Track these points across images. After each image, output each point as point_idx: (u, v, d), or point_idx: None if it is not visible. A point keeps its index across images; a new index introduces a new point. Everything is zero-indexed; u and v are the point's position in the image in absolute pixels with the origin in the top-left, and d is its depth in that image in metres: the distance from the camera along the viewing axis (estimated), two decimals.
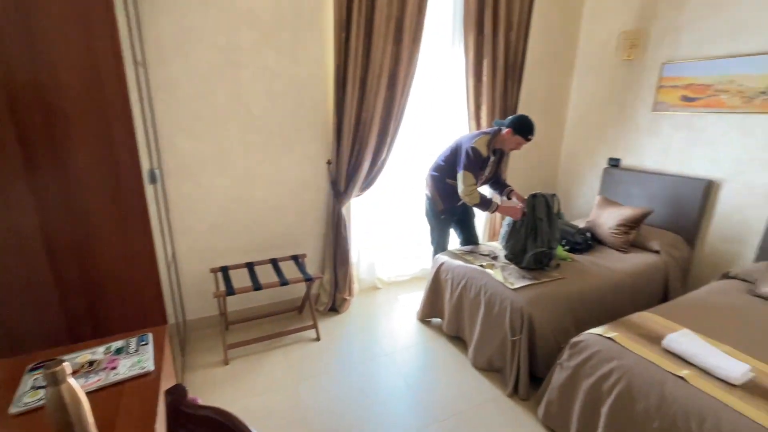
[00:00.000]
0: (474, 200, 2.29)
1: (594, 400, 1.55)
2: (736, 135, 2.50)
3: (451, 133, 2.98)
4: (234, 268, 2.33)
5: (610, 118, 3.23)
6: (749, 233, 2.49)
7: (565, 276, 2.20)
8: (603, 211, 2.82)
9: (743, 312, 1.86)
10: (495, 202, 2.34)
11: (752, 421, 1.19)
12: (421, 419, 1.86)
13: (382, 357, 2.29)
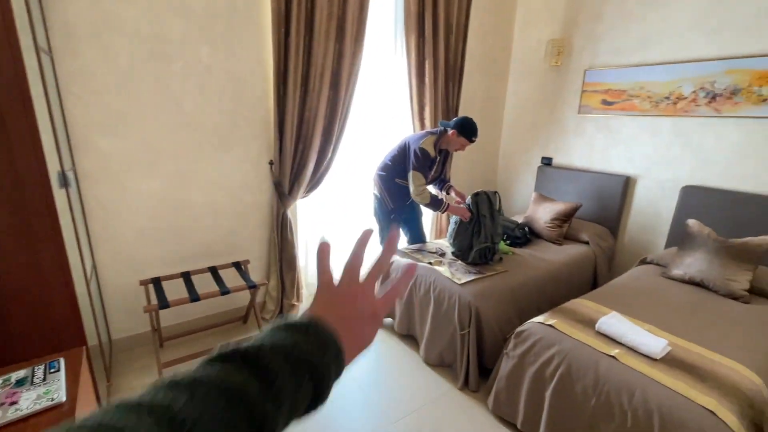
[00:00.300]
0: (424, 200, 2.32)
1: (538, 385, 1.63)
2: (646, 135, 2.80)
3: (397, 133, 3.01)
4: (168, 279, 2.13)
5: (541, 119, 3.46)
6: (660, 223, 2.80)
7: (508, 269, 2.31)
8: (538, 207, 3.01)
9: (659, 293, 2.08)
10: (446, 202, 2.39)
11: (671, 390, 1.32)
12: (376, 422, 1.83)
13: None
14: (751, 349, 1.59)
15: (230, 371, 0.28)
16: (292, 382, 0.30)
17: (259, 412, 0.27)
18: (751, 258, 2.03)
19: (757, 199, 2.30)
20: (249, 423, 0.26)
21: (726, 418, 1.21)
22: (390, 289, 0.43)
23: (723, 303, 1.97)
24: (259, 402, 0.27)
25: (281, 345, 0.31)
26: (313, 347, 0.32)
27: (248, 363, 0.29)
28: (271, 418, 0.28)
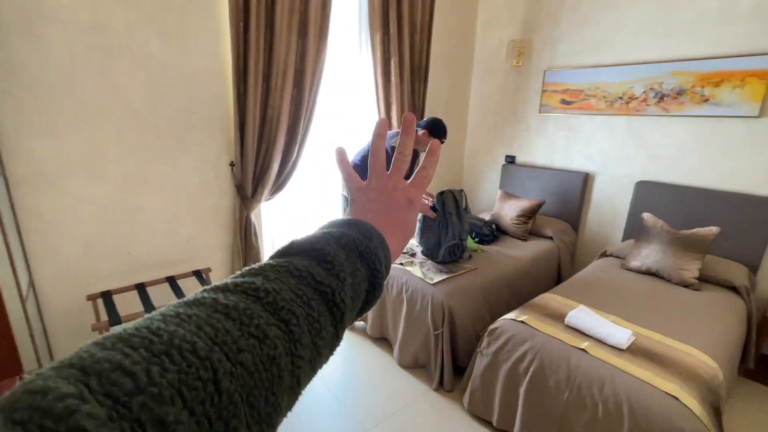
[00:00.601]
0: None
1: (512, 382, 1.64)
2: (603, 133, 2.93)
3: (365, 133, 2.96)
4: (119, 292, 1.96)
5: (505, 119, 3.53)
6: (617, 217, 2.94)
7: (477, 266, 2.32)
8: (504, 204, 3.07)
9: (620, 284, 2.17)
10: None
11: (638, 379, 1.37)
12: (351, 430, 1.78)
13: None
14: (705, 334, 1.69)
15: (293, 260, 0.31)
16: (348, 263, 0.33)
17: (326, 286, 0.30)
18: (699, 248, 2.17)
19: (702, 192, 2.47)
20: (321, 296, 0.29)
21: (688, 403, 1.26)
22: (419, 171, 0.45)
23: (677, 291, 2.09)
24: (324, 278, 0.30)
25: (331, 236, 0.34)
26: (358, 235, 0.35)
27: (305, 252, 0.32)
28: (339, 292, 0.30)
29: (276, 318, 0.26)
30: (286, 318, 0.26)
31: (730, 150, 2.38)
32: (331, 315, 0.30)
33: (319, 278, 0.30)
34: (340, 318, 0.31)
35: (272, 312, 0.26)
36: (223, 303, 0.24)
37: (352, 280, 0.32)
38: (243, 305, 0.25)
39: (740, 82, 2.29)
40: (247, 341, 0.23)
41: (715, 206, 2.41)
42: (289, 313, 0.26)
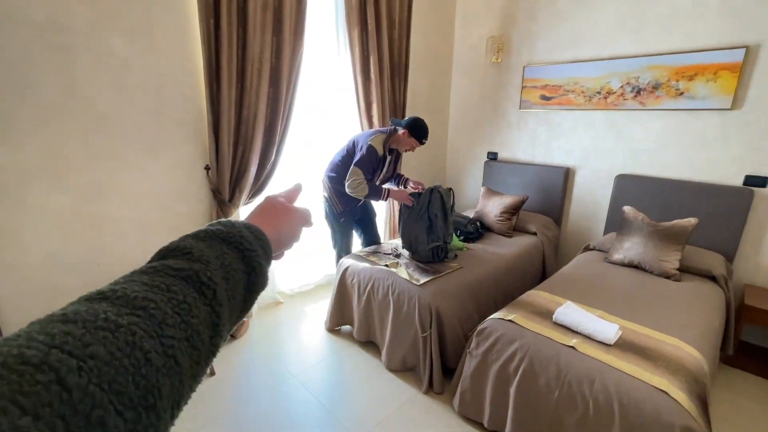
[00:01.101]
0: (362, 192, 2.23)
1: (503, 382, 1.62)
2: (582, 128, 2.95)
3: (345, 132, 2.89)
4: None
5: (486, 115, 3.53)
6: (599, 210, 2.97)
7: (463, 265, 2.30)
8: (488, 201, 3.06)
9: (603, 278, 2.18)
10: (386, 188, 2.33)
11: (627, 375, 1.36)
12: None
13: (291, 379, 2.07)
14: (688, 325, 1.71)
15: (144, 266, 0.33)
16: (211, 249, 0.35)
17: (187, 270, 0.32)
18: (678, 239, 2.21)
19: (679, 184, 2.51)
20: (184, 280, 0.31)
21: (677, 397, 1.26)
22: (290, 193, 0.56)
23: (659, 283, 2.12)
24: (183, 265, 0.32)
25: (186, 236, 0.37)
26: (217, 227, 0.38)
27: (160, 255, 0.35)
28: (203, 272, 0.32)
29: (130, 308, 0.26)
30: (143, 305, 0.27)
31: (705, 142, 2.43)
32: (200, 294, 0.31)
33: (177, 266, 0.32)
34: (212, 295, 0.32)
35: (123, 304, 0.27)
36: (60, 313, 0.25)
37: (221, 262, 0.35)
38: (83, 307, 0.25)
39: (713, 76, 2.34)
40: (94, 335, 0.23)
41: (692, 197, 2.46)
42: (145, 300, 0.27)
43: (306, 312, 2.76)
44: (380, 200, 2.35)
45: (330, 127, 2.95)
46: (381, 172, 2.44)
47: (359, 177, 2.22)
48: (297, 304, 2.87)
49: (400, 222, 2.35)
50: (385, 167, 2.45)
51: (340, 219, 2.49)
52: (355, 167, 2.23)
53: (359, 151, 2.28)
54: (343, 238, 2.59)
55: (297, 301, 2.90)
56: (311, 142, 2.87)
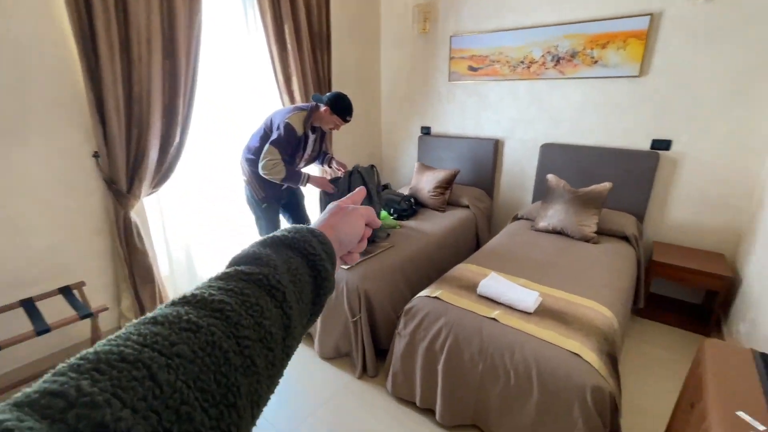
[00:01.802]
0: (278, 174, 2.06)
1: (430, 360, 1.60)
2: (509, 99, 2.97)
3: (265, 110, 2.66)
4: None
5: (416, 88, 3.44)
6: (527, 180, 3.05)
7: (394, 244, 2.24)
8: (422, 176, 3.02)
9: (529, 246, 2.23)
10: (306, 173, 2.18)
11: (544, 341, 1.38)
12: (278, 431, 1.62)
13: None
14: (603, 285, 1.79)
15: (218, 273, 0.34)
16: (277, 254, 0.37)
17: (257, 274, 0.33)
18: (596, 203, 2.30)
19: (596, 150, 2.62)
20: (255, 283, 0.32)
21: (588, 358, 1.30)
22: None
23: (579, 247, 2.21)
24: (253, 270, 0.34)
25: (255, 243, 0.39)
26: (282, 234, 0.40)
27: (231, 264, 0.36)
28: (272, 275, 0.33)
29: (208, 310, 0.28)
30: (219, 307, 0.29)
31: (619, 109, 2.53)
32: (271, 297, 0.32)
33: (248, 271, 0.33)
34: (282, 298, 0.33)
35: (202, 307, 0.28)
36: (150, 316, 0.27)
37: (287, 266, 0.36)
38: (169, 311, 0.27)
39: (623, 44, 2.41)
40: (179, 335, 0.25)
41: (608, 163, 2.57)
42: (221, 303, 0.29)
43: None
44: (299, 186, 2.19)
45: (247, 105, 2.70)
46: (303, 153, 2.26)
47: (275, 157, 2.04)
48: None
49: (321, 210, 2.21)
50: (308, 147, 2.27)
51: (262, 205, 2.30)
52: (270, 146, 2.05)
53: (276, 130, 2.10)
54: (268, 225, 2.42)
55: None
56: (226, 121, 2.61)
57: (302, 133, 2.11)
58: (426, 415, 1.68)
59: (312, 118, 2.16)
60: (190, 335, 0.25)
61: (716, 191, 2.32)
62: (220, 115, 2.59)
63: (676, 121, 2.36)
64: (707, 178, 2.33)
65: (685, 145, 2.36)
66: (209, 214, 2.66)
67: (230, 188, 2.67)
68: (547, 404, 1.31)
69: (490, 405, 1.47)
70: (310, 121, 2.16)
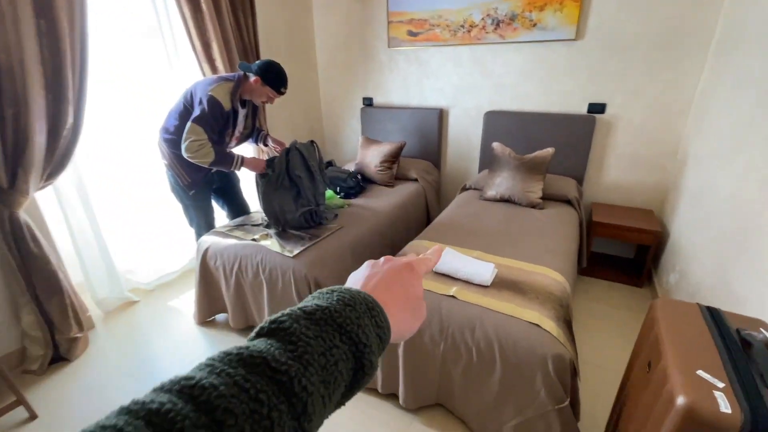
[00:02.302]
0: (206, 158, 1.80)
1: (390, 344, 1.51)
2: (451, 65, 2.87)
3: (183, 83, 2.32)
4: None
5: (355, 56, 3.22)
6: (472, 149, 3.02)
7: (343, 225, 2.10)
8: (367, 151, 2.87)
9: (479, 217, 2.21)
10: (239, 155, 1.93)
11: (504, 314, 1.35)
12: None
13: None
14: (552, 250, 1.81)
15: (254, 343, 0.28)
16: (318, 342, 0.29)
17: (283, 374, 0.26)
18: (540, 169, 2.32)
19: (538, 116, 2.63)
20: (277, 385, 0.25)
21: (547, 326, 1.29)
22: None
23: (527, 214, 2.23)
24: (281, 364, 0.26)
25: (303, 310, 0.31)
26: (338, 305, 0.31)
27: (272, 332, 0.29)
28: (299, 379, 0.26)
29: (208, 419, 0.22)
30: (221, 419, 0.22)
31: (557, 74, 2.54)
32: (290, 406, 0.25)
33: (274, 365, 0.26)
34: (302, 409, 0.26)
35: (205, 412, 0.22)
36: (147, 408, 0.21)
37: (325, 360, 0.28)
38: (168, 407, 0.22)
39: (560, 5, 2.39)
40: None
41: (549, 128, 2.60)
42: (225, 413, 0.23)
43: (170, 307, 2.31)
44: (232, 170, 1.94)
45: (162, 77, 2.33)
46: (233, 131, 1.99)
47: (200, 137, 1.77)
48: (158, 299, 2.39)
49: (258, 195, 1.98)
50: (238, 124, 2.01)
51: (189, 191, 2.03)
52: (193, 124, 1.77)
53: (198, 105, 1.81)
54: (199, 214, 2.15)
55: (157, 296, 2.41)
56: (140, 97, 2.24)
57: (230, 107, 1.85)
58: (389, 400, 1.62)
59: (240, 89, 1.89)
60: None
61: (646, 151, 2.44)
62: (131, 91, 2.21)
63: (610, 85, 2.42)
64: (638, 139, 2.44)
65: (619, 108, 2.44)
66: (128, 206, 2.32)
67: (151, 174, 2.34)
68: (510, 377, 1.29)
69: (453, 384, 1.43)
70: (239, 94, 1.89)
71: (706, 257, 1.63)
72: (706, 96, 2.03)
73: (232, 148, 2.10)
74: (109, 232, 2.17)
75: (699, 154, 1.97)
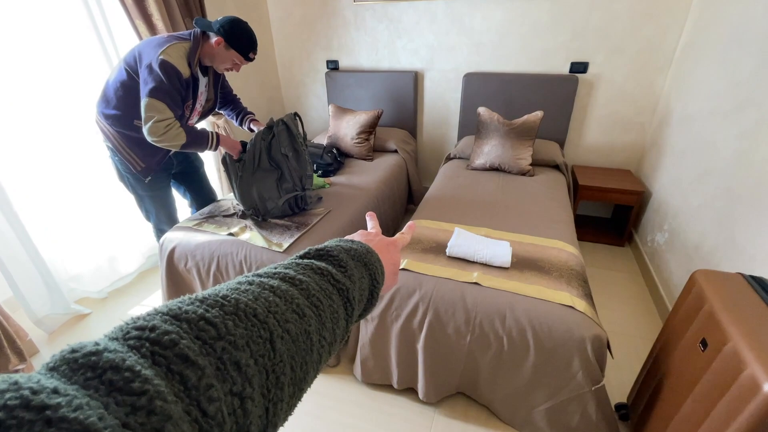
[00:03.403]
0: (175, 140, 1.47)
1: (408, 340, 1.39)
2: (425, 22, 2.62)
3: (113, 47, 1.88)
4: None
5: (314, 11, 2.84)
6: (450, 115, 2.86)
7: (330, 208, 1.88)
8: (341, 122, 2.60)
9: (472, 188, 2.09)
10: (213, 132, 1.61)
11: (534, 299, 1.26)
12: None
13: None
14: (556, 220, 1.74)
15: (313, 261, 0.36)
16: (357, 270, 0.38)
17: (342, 284, 0.35)
18: (530, 134, 2.23)
19: (519, 77, 2.51)
20: (339, 292, 0.35)
21: (581, 307, 1.22)
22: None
23: (519, 182, 2.15)
24: (341, 278, 0.36)
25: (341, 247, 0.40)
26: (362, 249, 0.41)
27: (322, 257, 0.38)
28: (351, 290, 0.36)
29: (309, 302, 0.31)
30: (317, 303, 0.31)
31: (539, 31, 2.41)
32: (345, 310, 0.35)
33: (337, 277, 0.35)
34: (351, 313, 0.36)
35: (306, 296, 0.31)
36: (269, 284, 0.30)
37: (360, 284, 0.38)
38: (285, 287, 0.30)
39: None
40: (292, 315, 0.28)
41: (531, 90, 2.49)
42: (318, 300, 0.32)
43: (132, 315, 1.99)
44: (208, 150, 1.61)
45: (87, 39, 1.87)
46: (194, 103, 1.63)
47: (165, 115, 1.42)
48: (114, 309, 2.05)
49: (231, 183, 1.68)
50: (199, 95, 1.64)
51: (145, 179, 1.68)
52: (151, 99, 1.40)
53: (147, 73, 1.43)
54: (158, 205, 1.81)
55: (113, 305, 2.07)
56: (59, 64, 1.78)
57: (189, 74, 1.49)
58: (405, 394, 1.52)
59: (199, 52, 1.53)
60: (296, 318, 0.28)
61: (625, 110, 2.43)
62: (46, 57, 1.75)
63: (592, 42, 2.33)
64: (618, 98, 2.41)
65: (600, 66, 2.38)
66: (62, 202, 1.91)
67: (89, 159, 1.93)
68: (544, 362, 1.23)
69: (478, 372, 1.35)
70: (197, 57, 1.53)
71: (705, 216, 1.64)
72: (692, 51, 2.01)
73: (193, 125, 1.75)
74: (39, 235, 1.78)
75: (687, 113, 1.97)
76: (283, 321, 0.27)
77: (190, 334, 0.22)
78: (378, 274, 0.41)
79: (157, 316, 0.22)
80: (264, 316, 0.26)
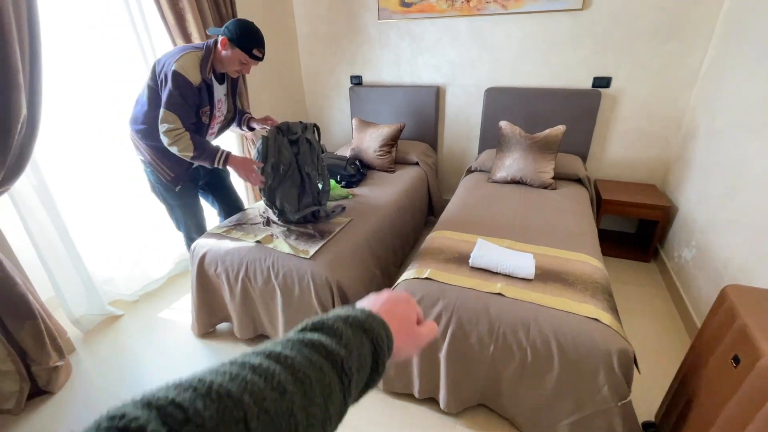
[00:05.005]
0: (185, 151, 1.55)
1: (430, 350, 1.40)
2: (447, 39, 2.69)
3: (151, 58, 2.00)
4: None
5: (341, 29, 2.95)
6: (471, 128, 2.89)
7: (353, 217, 1.93)
8: (364, 135, 2.67)
9: (493, 200, 2.11)
10: (223, 150, 1.64)
11: (558, 311, 1.26)
12: None
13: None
14: (579, 233, 1.74)
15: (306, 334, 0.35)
16: (355, 338, 0.36)
17: (336, 355, 0.33)
18: (552, 148, 2.24)
19: (541, 92, 2.53)
20: (331, 364, 0.33)
21: (606, 320, 1.21)
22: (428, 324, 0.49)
23: (541, 195, 2.15)
24: (334, 348, 0.34)
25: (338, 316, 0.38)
26: (361, 315, 0.39)
27: (317, 328, 0.36)
28: (347, 360, 0.34)
29: (293, 378, 0.29)
30: (302, 378, 0.30)
31: (560, 46, 2.44)
32: (340, 381, 0.33)
33: (330, 348, 0.34)
34: (347, 385, 0.34)
35: (290, 373, 0.29)
36: (251, 363, 0.29)
37: (359, 352, 0.36)
38: (266, 364, 0.29)
39: None
40: (271, 393, 0.27)
41: (552, 104, 2.51)
42: (304, 376, 0.30)
43: (162, 319, 2.07)
44: (215, 167, 1.65)
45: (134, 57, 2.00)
46: (212, 110, 1.68)
47: (175, 126, 1.51)
48: (145, 311, 2.13)
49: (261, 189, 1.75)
50: (216, 102, 1.70)
51: (174, 188, 1.76)
52: (165, 111, 1.50)
53: (163, 84, 1.52)
54: (187, 215, 1.90)
55: (144, 308, 2.15)
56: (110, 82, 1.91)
57: (200, 80, 1.56)
58: (427, 404, 1.52)
59: (212, 59, 1.59)
60: (277, 396, 0.27)
61: (649, 125, 2.42)
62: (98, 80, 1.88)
63: (615, 57, 2.34)
64: (642, 113, 2.40)
65: (623, 81, 2.38)
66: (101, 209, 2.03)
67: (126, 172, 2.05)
68: (568, 375, 1.22)
69: (501, 384, 1.35)
70: (210, 65, 1.59)
71: (736, 232, 1.61)
72: (719, 66, 1.99)
73: (215, 135, 1.84)
74: (80, 239, 1.88)
75: (714, 127, 1.95)
76: (260, 400, 0.26)
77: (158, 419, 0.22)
78: (380, 340, 0.38)
79: (130, 404, 0.23)
80: (239, 396, 0.25)
